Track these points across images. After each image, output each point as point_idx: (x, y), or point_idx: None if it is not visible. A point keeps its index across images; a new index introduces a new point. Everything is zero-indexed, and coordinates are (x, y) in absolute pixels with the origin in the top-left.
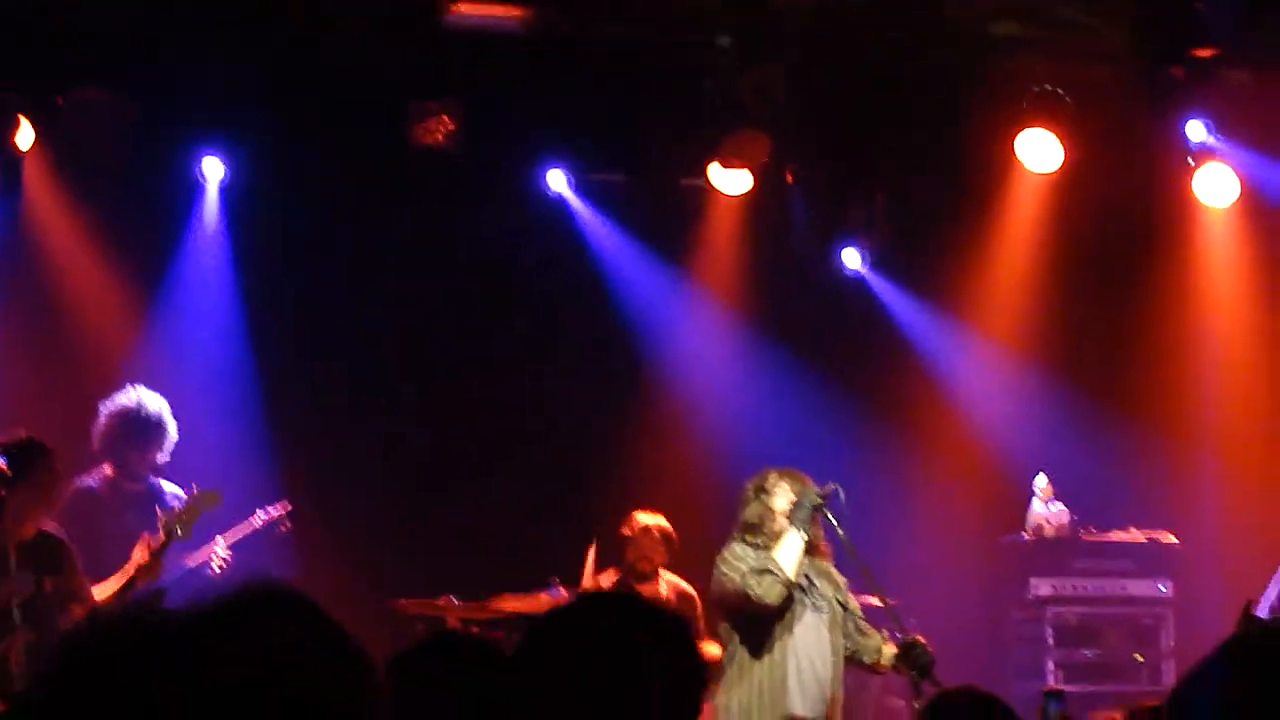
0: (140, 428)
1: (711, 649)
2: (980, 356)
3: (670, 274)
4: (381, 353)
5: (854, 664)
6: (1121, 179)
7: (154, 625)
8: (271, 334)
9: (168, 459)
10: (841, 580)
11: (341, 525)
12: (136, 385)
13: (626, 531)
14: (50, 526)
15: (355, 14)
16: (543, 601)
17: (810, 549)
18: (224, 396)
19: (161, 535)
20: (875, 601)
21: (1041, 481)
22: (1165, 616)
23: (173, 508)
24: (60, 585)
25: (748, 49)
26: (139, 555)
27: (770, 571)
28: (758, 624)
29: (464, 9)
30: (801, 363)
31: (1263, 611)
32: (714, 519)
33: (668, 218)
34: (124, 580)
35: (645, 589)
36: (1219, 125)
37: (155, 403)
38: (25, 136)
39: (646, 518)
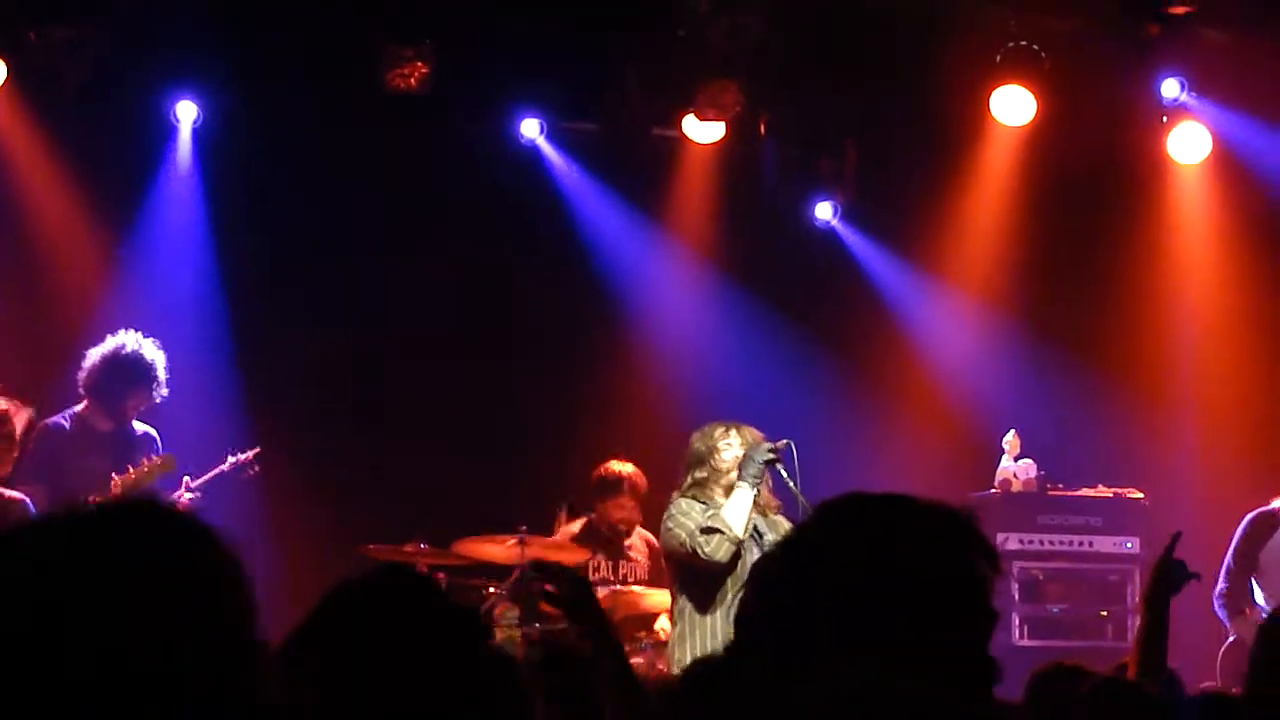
0: (141, 373)
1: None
2: (951, 310)
3: (642, 223)
4: (352, 298)
5: None
6: (1095, 134)
7: None
8: (244, 277)
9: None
10: (788, 524)
11: (312, 470)
12: (130, 330)
13: (604, 478)
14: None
15: None
16: (509, 547)
17: (761, 506)
18: (195, 339)
19: (119, 489)
20: None
21: (1010, 437)
22: (1131, 573)
23: (128, 469)
24: None
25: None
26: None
27: (718, 530)
28: (707, 579)
29: None
30: (771, 313)
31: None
32: (680, 467)
33: (640, 166)
34: None
35: (621, 543)
36: (1193, 82)
37: (154, 352)
38: None
39: (623, 467)
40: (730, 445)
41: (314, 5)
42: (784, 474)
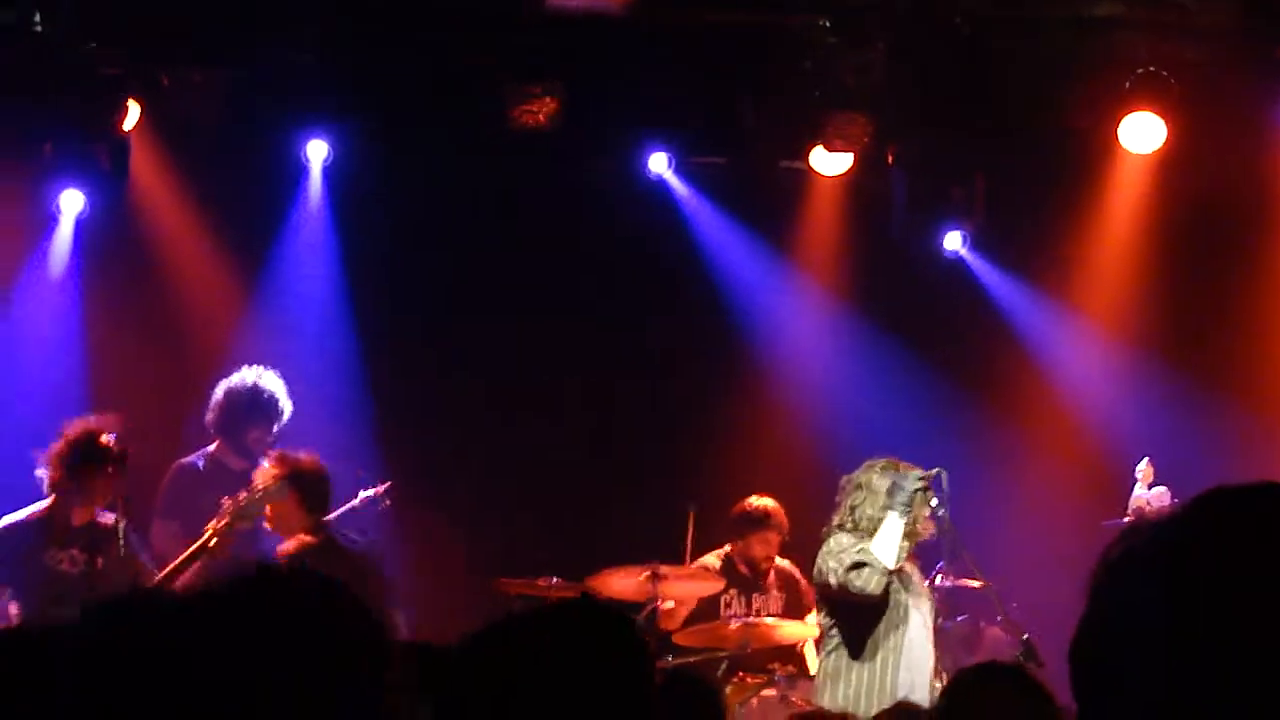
0: (257, 405)
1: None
2: (1083, 340)
3: (771, 257)
4: (484, 335)
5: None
6: (1226, 161)
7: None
8: (374, 315)
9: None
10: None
11: (445, 505)
12: (252, 365)
13: (748, 513)
14: (104, 518)
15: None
16: (641, 581)
17: (911, 533)
18: (328, 376)
19: (225, 517)
20: (974, 584)
21: (1143, 465)
22: None
23: (240, 495)
24: (111, 564)
25: (848, 30)
26: (206, 533)
27: (867, 564)
28: (859, 616)
29: None
30: (902, 346)
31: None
32: (814, 502)
33: (768, 200)
34: (182, 557)
35: (758, 578)
36: None
37: (273, 382)
38: (131, 117)
39: (767, 503)
40: (882, 484)
41: (442, 43)
42: (934, 504)
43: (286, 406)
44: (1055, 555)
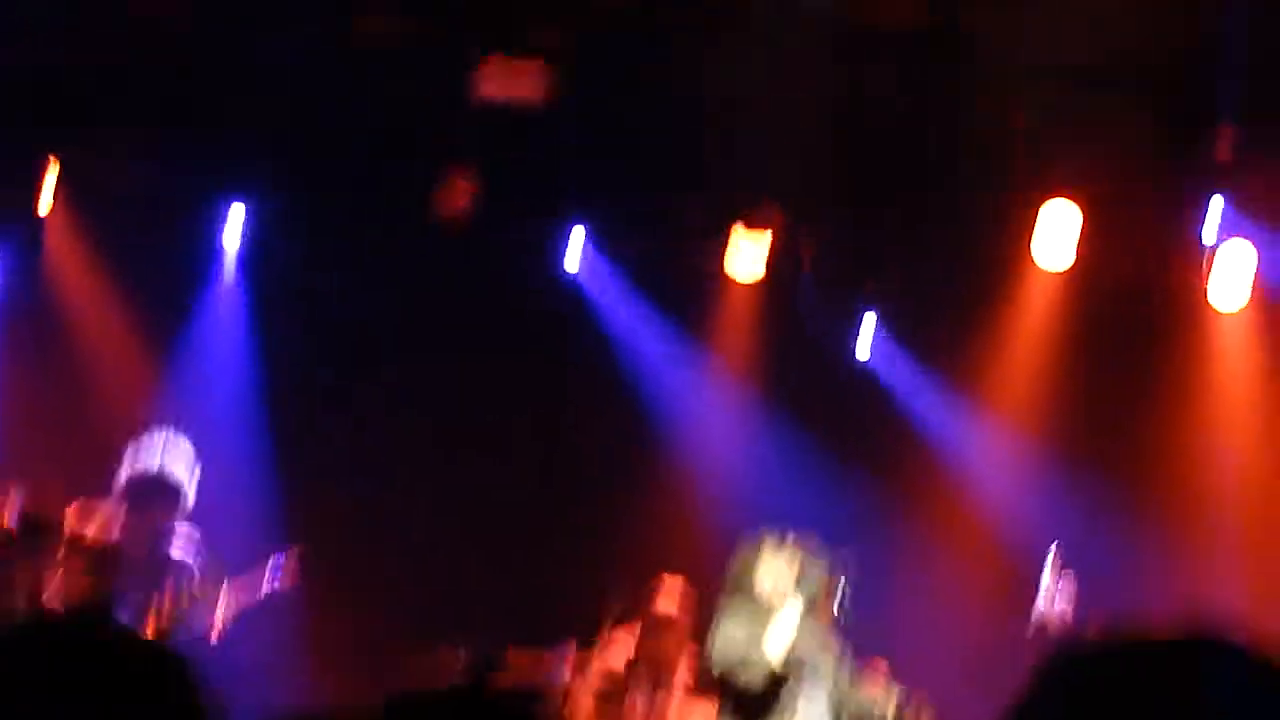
0: (160, 491)
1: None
2: (992, 435)
3: (686, 347)
4: (397, 415)
5: None
6: (1138, 270)
7: None
8: (287, 390)
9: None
10: (835, 653)
11: (354, 576)
12: (163, 433)
13: (652, 613)
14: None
15: (384, 82)
16: (549, 662)
17: (804, 639)
18: (240, 447)
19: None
20: (884, 693)
21: (1050, 572)
22: None
23: (179, 597)
24: None
25: (771, 122)
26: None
27: (757, 663)
28: (748, 707)
29: (490, 84)
30: (815, 439)
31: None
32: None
33: (686, 289)
34: None
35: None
36: (1238, 218)
37: (178, 462)
38: (47, 192)
39: (671, 607)
40: (776, 563)
41: (365, 126)
42: (836, 595)
43: (190, 494)
44: (960, 650)
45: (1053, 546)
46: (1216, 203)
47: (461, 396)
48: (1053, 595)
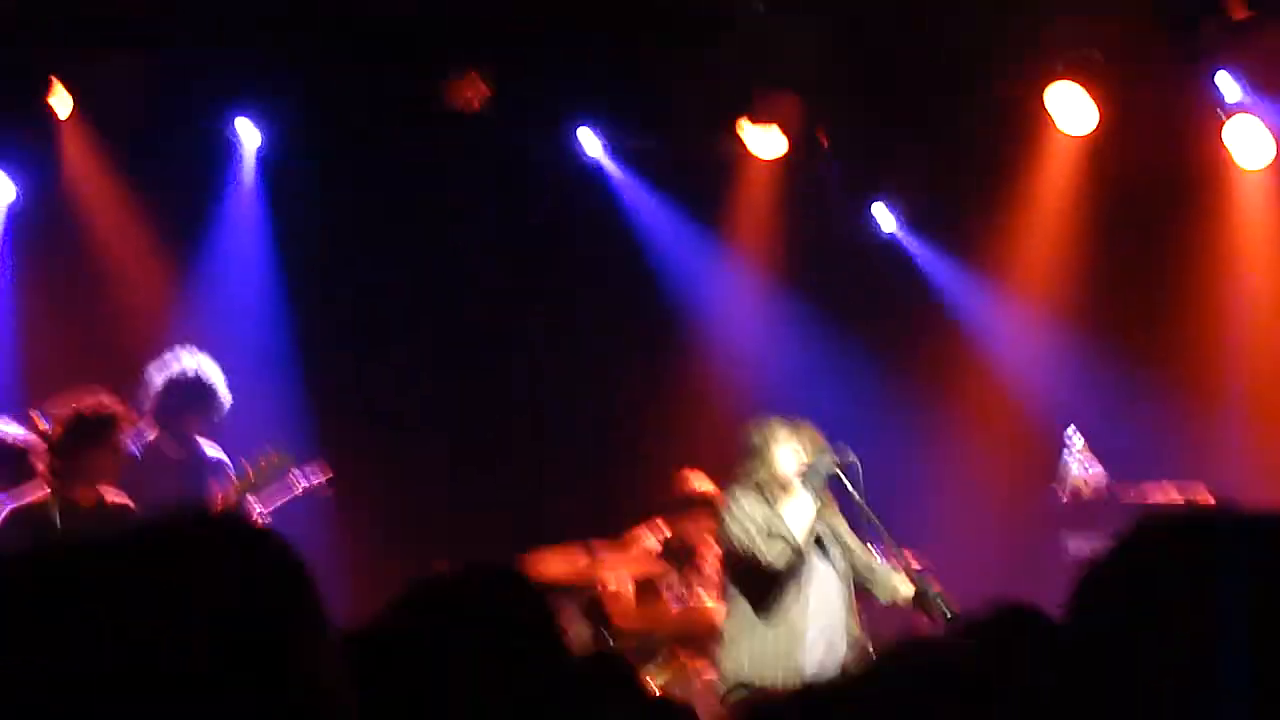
0: (198, 394)
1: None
2: (1014, 314)
3: (705, 237)
4: (417, 315)
5: (869, 600)
6: (1155, 138)
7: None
8: (309, 297)
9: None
10: (845, 528)
11: (380, 486)
12: (189, 348)
13: (685, 497)
14: (112, 495)
15: None
16: (580, 563)
17: (820, 511)
18: (261, 359)
19: (233, 495)
20: (901, 563)
21: (1078, 443)
22: None
23: (246, 469)
24: None
25: (781, 9)
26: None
27: (781, 536)
28: (765, 583)
29: None
30: (835, 323)
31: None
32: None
33: (702, 180)
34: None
35: (697, 561)
36: (1252, 82)
37: (212, 371)
38: (63, 104)
39: (703, 485)
40: (787, 446)
41: (374, 26)
42: (849, 486)
43: (226, 397)
44: (985, 527)
45: (1071, 428)
46: (1233, 64)
47: (480, 293)
48: (1085, 456)
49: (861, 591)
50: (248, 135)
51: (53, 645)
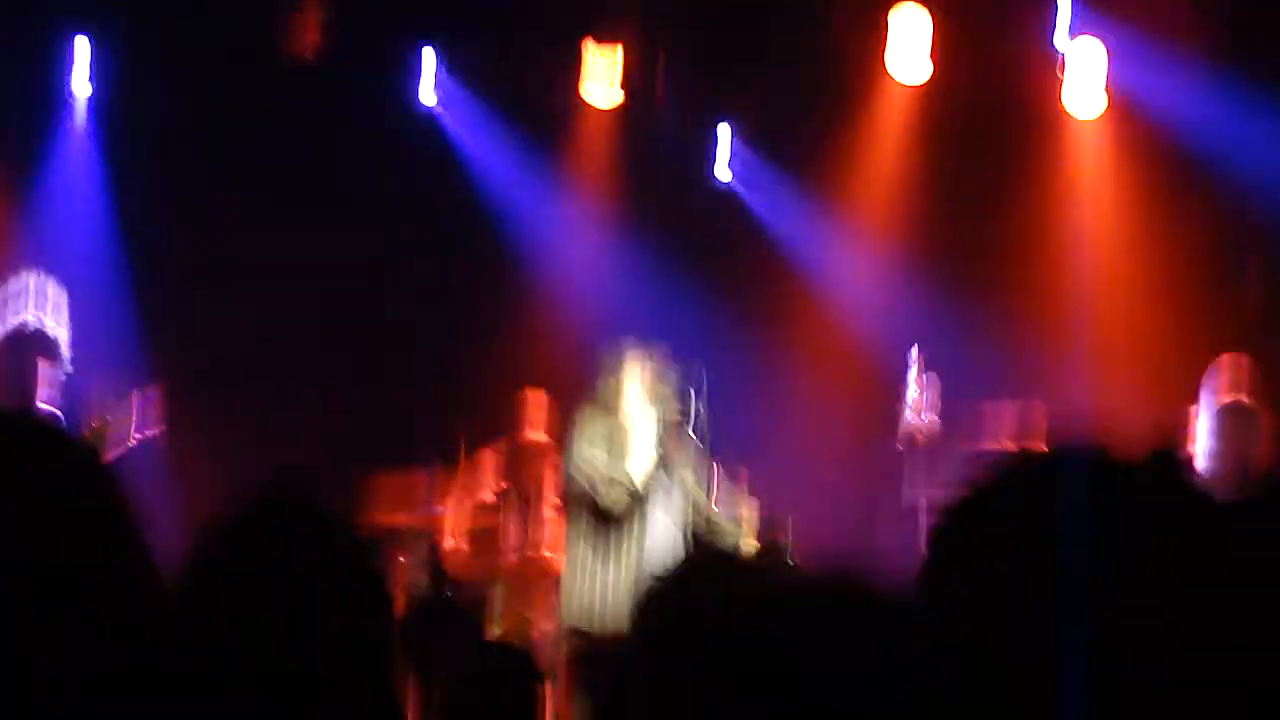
0: (38, 343)
1: None
2: (852, 249)
3: (545, 182)
4: (255, 256)
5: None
6: (995, 71)
7: None
8: (142, 231)
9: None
10: (693, 477)
11: (216, 412)
12: (29, 280)
13: (522, 446)
14: None
15: None
16: (418, 508)
17: (663, 458)
18: (94, 285)
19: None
20: (742, 511)
21: (913, 393)
22: None
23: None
24: None
25: None
26: None
27: (620, 482)
28: (605, 528)
29: None
30: (677, 259)
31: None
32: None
33: (543, 121)
34: None
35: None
36: (1090, 13)
37: (53, 313)
38: None
39: (539, 436)
40: (637, 385)
41: None
42: (690, 431)
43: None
44: (827, 476)
45: (913, 352)
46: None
47: (319, 229)
48: (919, 405)
49: (702, 542)
50: (80, 65)
51: None
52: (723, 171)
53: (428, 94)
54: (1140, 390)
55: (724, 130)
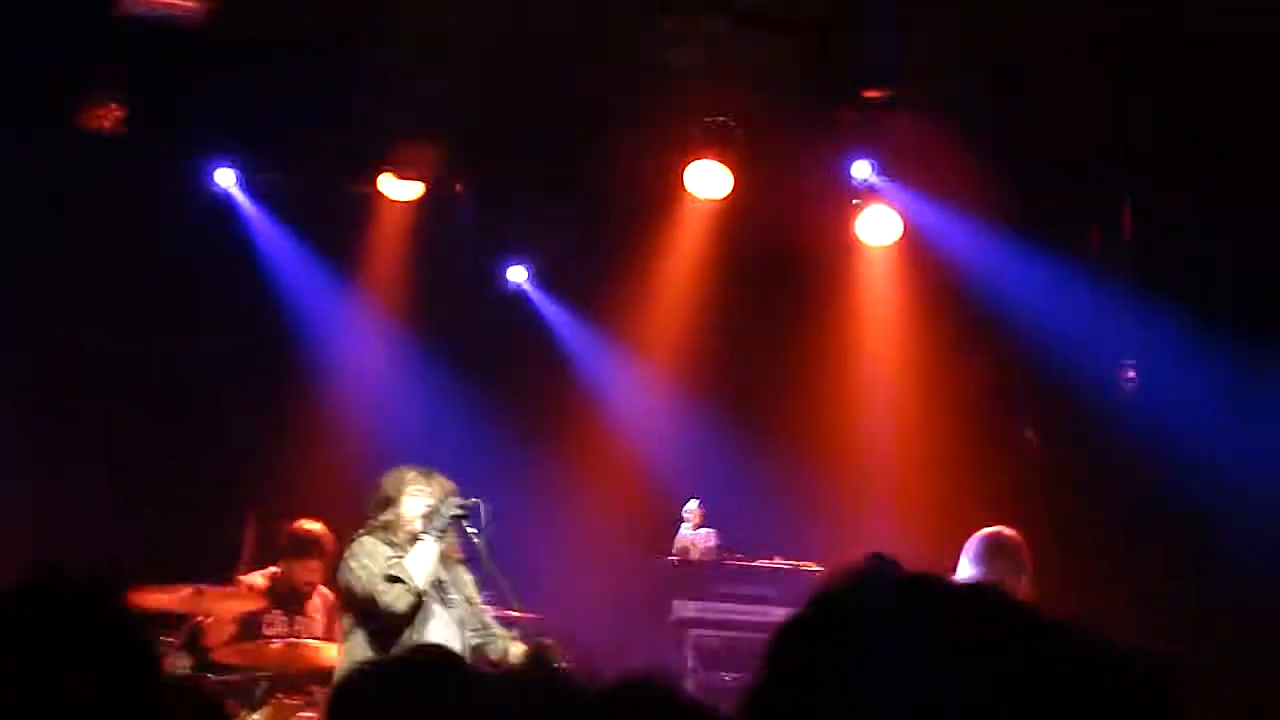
0: None
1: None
2: (640, 378)
3: (336, 277)
4: (36, 337)
5: (481, 660)
6: (788, 212)
7: None
8: None
9: None
10: (470, 579)
11: None
12: None
13: (296, 537)
14: None
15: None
16: (185, 597)
17: (444, 556)
18: None
19: None
20: (513, 614)
21: (692, 506)
22: None
23: None
24: None
25: (425, 57)
26: None
27: (400, 580)
28: (385, 626)
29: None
30: (461, 374)
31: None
32: (364, 523)
33: (336, 220)
34: None
35: (302, 601)
36: (884, 166)
37: None
38: None
39: (315, 527)
40: (420, 493)
41: (9, 41)
42: (471, 531)
43: None
44: (599, 590)
45: (693, 501)
46: (868, 149)
47: (105, 320)
48: (688, 548)
49: (476, 649)
50: None
51: None
52: (516, 291)
53: (222, 185)
54: (913, 533)
55: (522, 256)
